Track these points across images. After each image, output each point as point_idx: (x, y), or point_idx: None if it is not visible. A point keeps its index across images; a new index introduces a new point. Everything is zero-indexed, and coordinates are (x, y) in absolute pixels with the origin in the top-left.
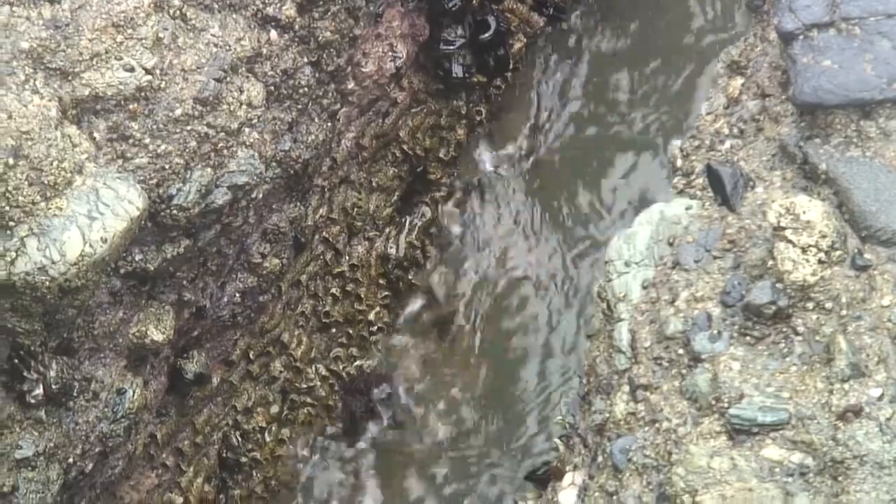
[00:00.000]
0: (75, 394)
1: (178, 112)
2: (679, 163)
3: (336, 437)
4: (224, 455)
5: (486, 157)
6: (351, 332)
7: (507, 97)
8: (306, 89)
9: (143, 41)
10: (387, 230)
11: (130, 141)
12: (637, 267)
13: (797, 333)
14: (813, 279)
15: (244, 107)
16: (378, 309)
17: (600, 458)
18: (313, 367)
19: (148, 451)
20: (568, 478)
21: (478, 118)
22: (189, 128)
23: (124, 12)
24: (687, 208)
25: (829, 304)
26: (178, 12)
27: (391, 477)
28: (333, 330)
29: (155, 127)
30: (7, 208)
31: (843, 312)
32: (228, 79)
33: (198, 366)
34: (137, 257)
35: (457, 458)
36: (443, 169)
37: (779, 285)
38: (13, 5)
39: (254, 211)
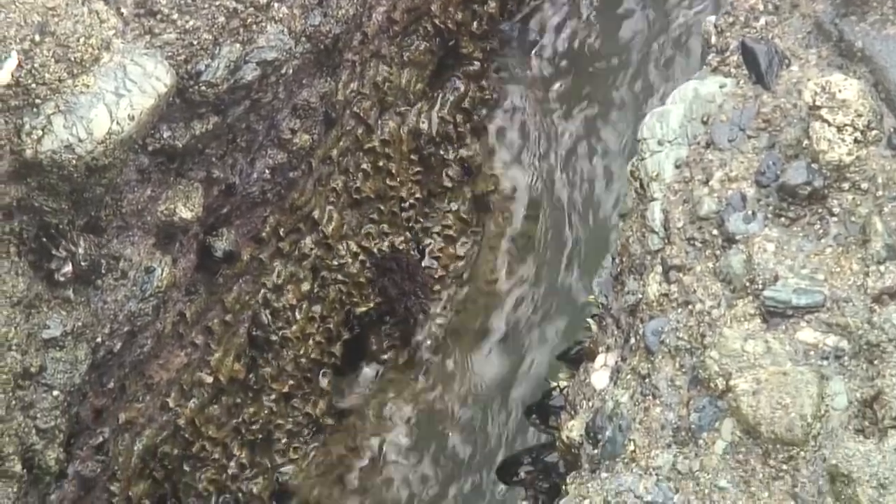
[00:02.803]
0: (103, 272)
1: None
2: (713, 39)
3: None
4: (254, 333)
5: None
6: (382, 208)
7: None
8: None
9: None
10: (418, 105)
11: (158, 17)
12: (670, 146)
13: (832, 214)
14: (849, 159)
15: None
16: (410, 185)
17: (633, 340)
18: (344, 244)
19: (177, 330)
20: (600, 359)
21: None
22: (217, 3)
23: None
24: (721, 86)
25: (864, 185)
26: None
27: None
28: (365, 206)
29: (183, 2)
30: (33, 85)
31: (879, 193)
32: None
33: (227, 243)
34: (165, 134)
35: None
36: (475, 43)
37: (814, 165)
38: None
39: (283, 87)
